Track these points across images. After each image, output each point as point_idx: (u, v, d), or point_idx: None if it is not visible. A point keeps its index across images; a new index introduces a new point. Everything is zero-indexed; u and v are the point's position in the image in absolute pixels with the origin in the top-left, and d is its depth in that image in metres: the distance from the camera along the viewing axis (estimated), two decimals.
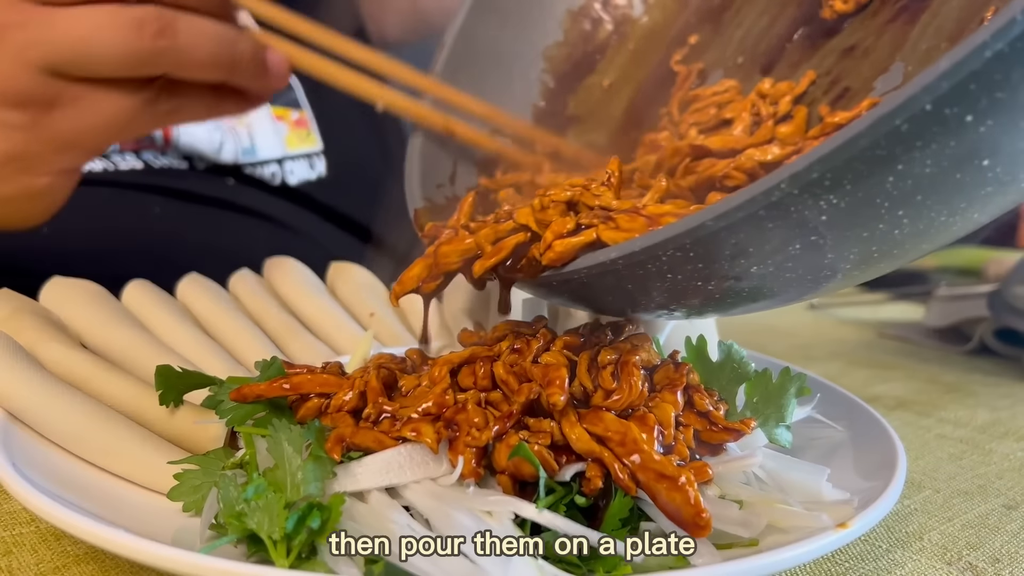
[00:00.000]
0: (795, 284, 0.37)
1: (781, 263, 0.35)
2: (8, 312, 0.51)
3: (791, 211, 0.31)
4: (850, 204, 0.31)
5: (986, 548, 0.45)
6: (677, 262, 0.35)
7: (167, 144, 0.79)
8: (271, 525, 0.35)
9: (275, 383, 0.43)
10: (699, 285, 0.37)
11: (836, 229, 0.32)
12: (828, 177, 0.30)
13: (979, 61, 0.26)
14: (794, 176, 0.30)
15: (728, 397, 0.49)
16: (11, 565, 0.38)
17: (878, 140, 0.28)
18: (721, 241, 0.33)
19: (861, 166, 0.29)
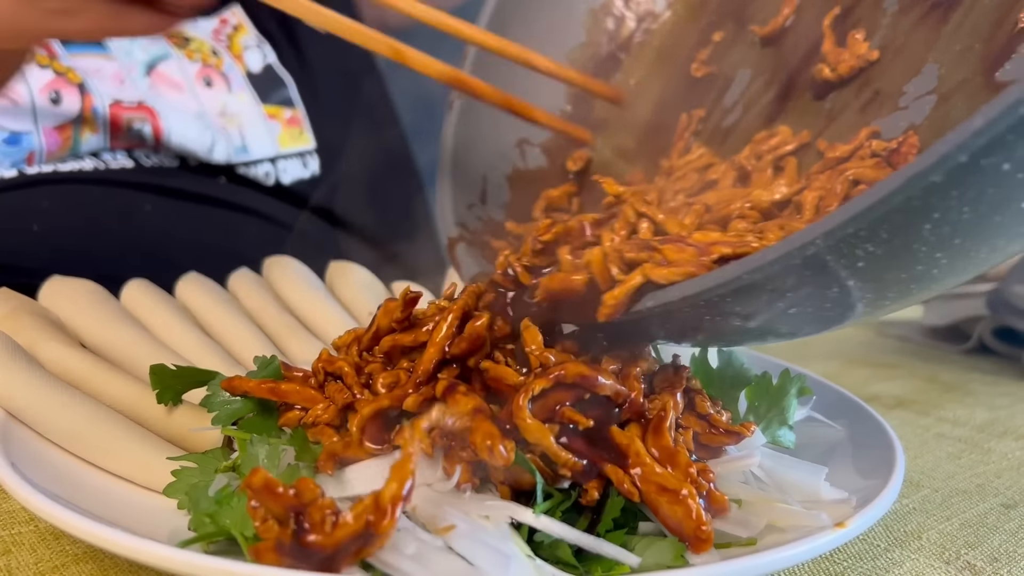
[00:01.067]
0: (831, 320, 0.37)
1: (819, 304, 0.35)
2: (7, 311, 0.51)
3: (827, 260, 0.31)
4: (887, 252, 0.31)
5: (984, 547, 0.45)
6: (711, 306, 0.35)
7: (158, 144, 0.79)
8: (244, 523, 0.35)
9: (263, 385, 0.43)
10: (737, 324, 0.37)
11: (873, 274, 0.32)
12: (864, 229, 0.30)
13: (1014, 117, 0.26)
14: (828, 232, 0.30)
15: (730, 402, 0.49)
16: (10, 564, 0.38)
17: (914, 194, 0.28)
18: (758, 287, 0.33)
19: (897, 217, 0.29)
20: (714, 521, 0.37)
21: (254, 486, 0.33)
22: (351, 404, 0.42)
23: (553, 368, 0.39)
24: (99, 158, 0.77)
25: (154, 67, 0.82)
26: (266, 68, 0.91)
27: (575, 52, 0.65)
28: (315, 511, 0.32)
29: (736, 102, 0.56)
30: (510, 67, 0.59)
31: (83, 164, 0.76)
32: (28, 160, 0.73)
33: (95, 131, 0.75)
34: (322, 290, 0.68)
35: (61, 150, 0.74)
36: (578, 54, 0.65)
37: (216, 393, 0.44)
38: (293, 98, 0.92)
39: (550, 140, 0.64)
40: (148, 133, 0.78)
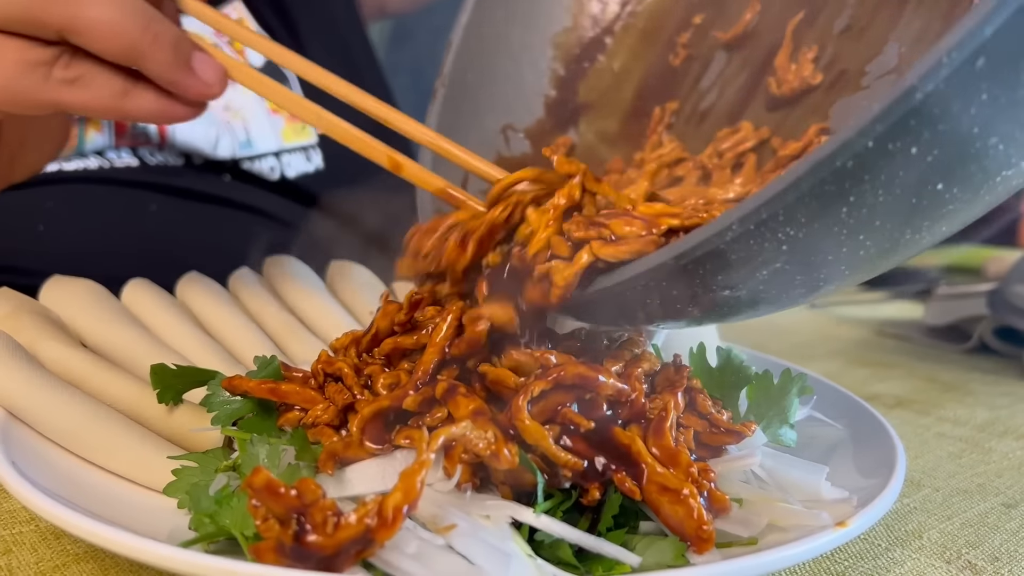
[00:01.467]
0: (774, 299, 0.38)
1: (754, 285, 0.35)
2: (8, 311, 0.51)
3: (750, 244, 0.32)
4: (808, 234, 0.31)
5: (985, 546, 0.45)
6: (658, 287, 0.36)
7: (163, 142, 0.79)
8: (244, 522, 0.35)
9: (264, 385, 0.43)
10: (680, 306, 0.38)
11: (799, 255, 0.33)
12: (781, 214, 0.30)
13: (911, 103, 0.26)
14: (744, 217, 0.31)
15: (730, 401, 0.49)
16: (11, 564, 0.38)
17: (824, 178, 0.29)
18: (690, 272, 0.34)
19: (812, 201, 0.30)
20: (715, 520, 0.37)
21: (255, 486, 0.33)
22: (351, 405, 0.42)
23: (553, 370, 0.39)
24: (104, 157, 0.77)
25: None
26: (268, 62, 0.91)
27: (560, 36, 0.65)
28: (316, 512, 0.32)
29: (713, 83, 0.57)
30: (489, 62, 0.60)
31: (88, 163, 0.76)
32: None
33: (99, 130, 0.75)
34: (323, 290, 0.68)
35: (66, 149, 0.74)
36: (563, 39, 0.65)
37: (216, 393, 0.44)
38: (295, 91, 0.92)
39: (534, 126, 0.63)
40: (153, 131, 0.78)
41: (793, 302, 0.39)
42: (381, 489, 0.37)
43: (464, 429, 0.36)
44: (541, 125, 0.63)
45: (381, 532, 0.32)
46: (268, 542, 0.32)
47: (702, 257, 0.33)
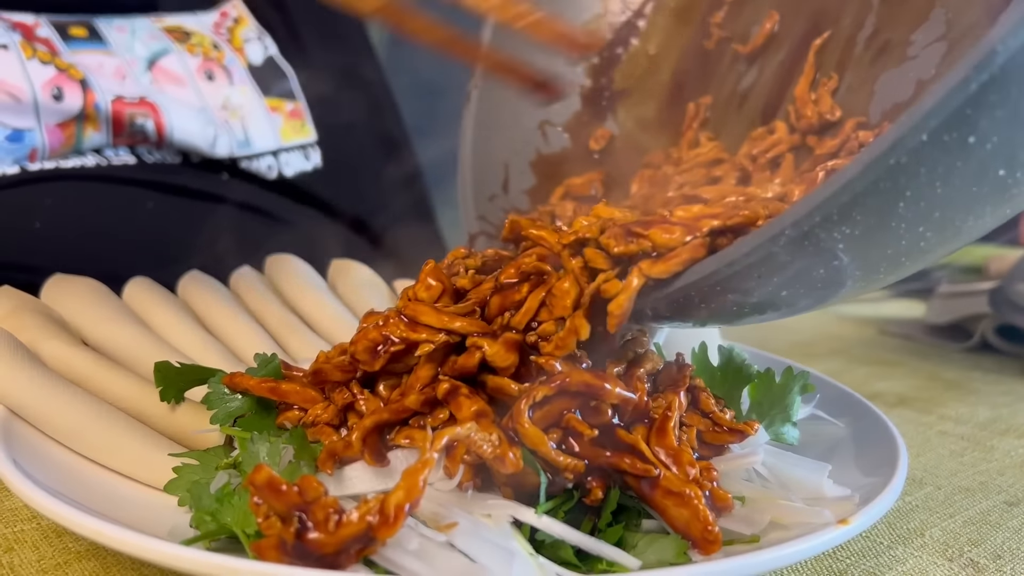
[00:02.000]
0: (833, 295, 0.38)
1: (809, 284, 0.35)
2: (9, 309, 0.51)
3: (805, 246, 0.31)
4: (865, 231, 0.31)
5: (987, 544, 0.45)
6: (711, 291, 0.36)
7: (161, 140, 0.79)
8: (245, 520, 0.35)
9: (264, 383, 0.43)
10: (733, 308, 0.38)
11: (856, 252, 0.32)
12: (835, 214, 0.30)
13: (964, 94, 0.26)
14: (797, 222, 0.30)
15: (732, 400, 0.49)
16: (12, 562, 0.38)
17: (878, 176, 0.28)
18: (743, 276, 0.34)
19: (866, 200, 0.29)
20: (718, 519, 0.37)
21: (257, 483, 0.33)
22: (351, 404, 0.42)
23: (557, 376, 0.38)
24: (101, 154, 0.77)
25: (155, 62, 0.82)
26: (267, 60, 0.91)
27: (591, 23, 0.63)
28: (318, 509, 0.32)
29: (752, 63, 0.56)
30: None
31: (85, 161, 0.76)
32: (31, 157, 0.72)
33: (97, 128, 0.75)
34: (324, 288, 0.68)
35: (64, 147, 0.74)
36: (595, 25, 0.63)
37: (217, 390, 0.44)
38: (294, 90, 0.92)
39: (572, 119, 0.62)
40: (151, 129, 0.78)
41: (852, 295, 0.38)
42: (381, 488, 0.37)
43: (468, 430, 0.36)
44: (579, 117, 0.62)
45: (383, 530, 0.32)
46: (270, 539, 0.32)
47: (755, 263, 0.33)
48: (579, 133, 0.62)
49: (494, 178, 0.59)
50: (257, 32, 0.91)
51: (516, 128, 0.61)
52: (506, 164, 0.60)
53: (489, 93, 0.61)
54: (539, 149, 0.61)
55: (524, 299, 0.41)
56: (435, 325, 0.41)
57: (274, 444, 0.40)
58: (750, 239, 0.32)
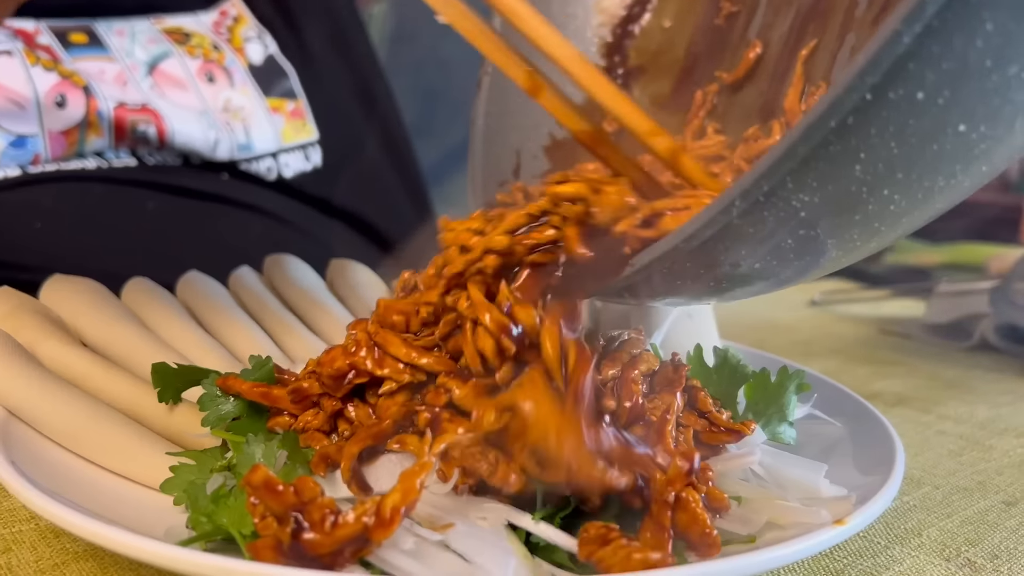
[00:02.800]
0: (814, 264, 0.36)
1: (782, 254, 0.34)
2: (7, 310, 0.51)
3: (764, 216, 0.31)
4: (824, 197, 0.30)
5: (985, 544, 0.45)
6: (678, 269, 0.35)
7: (162, 143, 0.79)
8: (241, 521, 0.35)
9: (256, 388, 0.43)
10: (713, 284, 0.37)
11: (823, 219, 0.31)
12: (788, 181, 0.29)
13: (898, 48, 0.24)
14: (745, 192, 0.30)
15: (728, 400, 0.49)
16: (10, 562, 0.38)
17: (824, 139, 0.27)
18: (708, 249, 0.33)
19: (818, 164, 0.28)
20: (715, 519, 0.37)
21: (254, 483, 0.33)
22: (341, 411, 0.42)
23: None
24: (102, 156, 0.77)
25: (156, 66, 0.82)
26: (268, 59, 0.91)
27: (603, 0, 0.61)
28: (315, 510, 0.32)
29: (759, 34, 0.54)
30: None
31: (86, 163, 0.76)
32: (33, 162, 0.73)
33: (100, 135, 0.75)
34: (322, 288, 0.68)
35: (66, 152, 0.74)
36: (607, 2, 0.62)
37: (210, 391, 0.44)
38: (295, 89, 0.92)
39: (590, 102, 0.60)
40: (152, 135, 0.78)
41: (835, 264, 0.37)
42: (377, 491, 0.37)
43: (468, 439, 0.36)
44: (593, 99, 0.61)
45: (378, 531, 0.32)
46: (266, 540, 0.32)
47: (715, 236, 0.32)
48: (596, 117, 0.60)
49: (506, 164, 0.57)
50: (257, 31, 0.91)
51: (528, 112, 0.59)
52: (518, 150, 0.58)
53: (500, 79, 0.59)
54: (552, 133, 0.59)
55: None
56: (403, 359, 0.41)
57: (269, 446, 0.40)
58: (704, 212, 0.32)
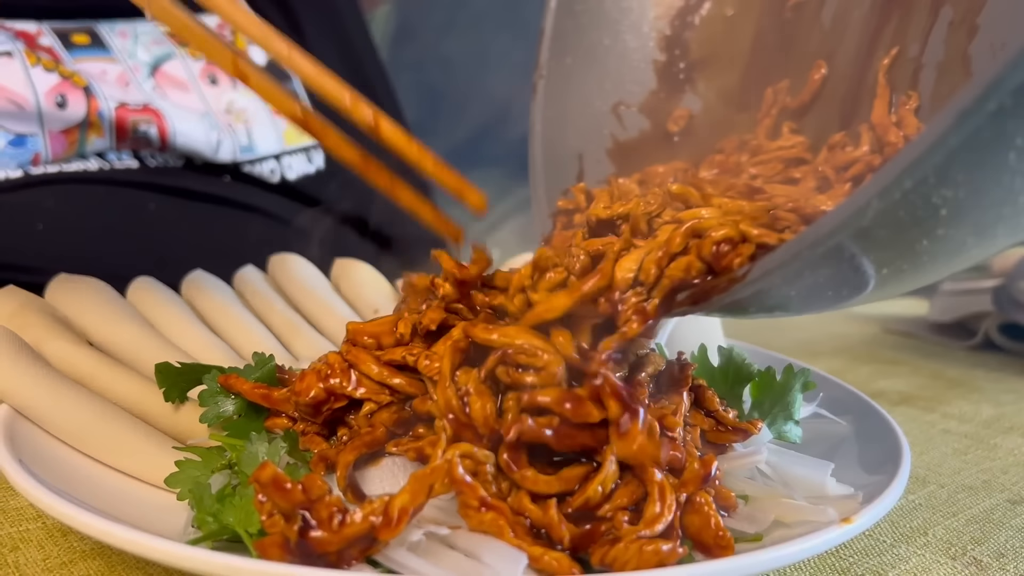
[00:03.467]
0: (944, 266, 0.34)
1: (915, 256, 0.32)
2: (14, 308, 0.51)
3: (900, 216, 0.28)
4: (970, 193, 0.27)
5: (991, 543, 0.45)
6: (799, 277, 0.33)
7: (164, 144, 0.79)
8: (247, 519, 0.35)
9: (256, 390, 0.43)
10: (832, 292, 0.35)
11: (964, 218, 0.29)
12: (931, 178, 0.26)
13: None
14: (884, 191, 0.27)
15: (734, 399, 0.48)
16: (18, 561, 0.38)
17: (978, 126, 0.25)
18: (834, 257, 0.31)
19: (966, 155, 0.26)
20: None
21: (262, 480, 0.33)
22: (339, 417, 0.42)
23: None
24: (104, 158, 0.77)
25: (158, 67, 0.82)
26: (270, 62, 0.91)
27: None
28: (322, 508, 0.32)
29: (834, 18, 0.52)
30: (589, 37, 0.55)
31: (88, 164, 0.76)
32: (34, 162, 0.73)
33: (101, 135, 0.75)
34: (327, 287, 0.68)
35: (67, 153, 0.74)
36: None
37: (212, 387, 0.44)
38: (298, 91, 0.92)
39: (648, 99, 0.58)
40: (154, 135, 0.78)
41: (968, 262, 0.35)
42: (381, 492, 0.37)
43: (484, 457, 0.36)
44: (655, 96, 0.58)
45: (385, 532, 0.32)
46: (273, 537, 0.32)
47: (843, 242, 0.30)
48: (657, 113, 0.58)
49: (569, 171, 0.55)
50: None
51: (587, 115, 0.57)
52: (580, 155, 0.56)
53: (556, 82, 0.57)
54: (615, 135, 0.57)
55: None
56: (375, 377, 0.41)
57: (273, 446, 0.40)
58: (833, 213, 0.29)
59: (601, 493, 0.35)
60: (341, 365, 0.42)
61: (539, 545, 0.34)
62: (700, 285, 0.37)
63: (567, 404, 0.35)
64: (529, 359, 0.37)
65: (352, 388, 0.41)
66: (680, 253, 0.38)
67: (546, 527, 0.35)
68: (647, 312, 0.37)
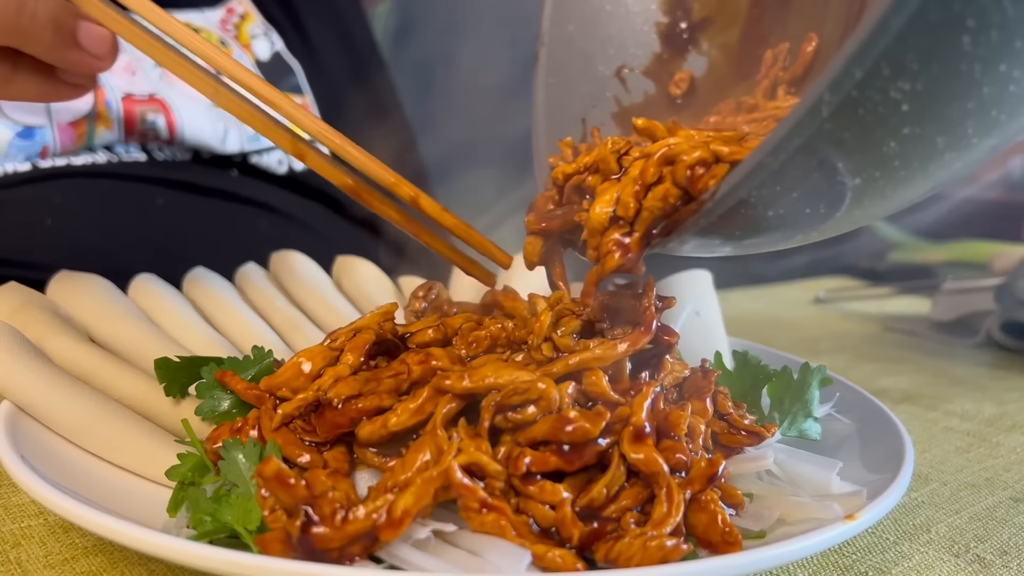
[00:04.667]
0: (917, 178, 0.32)
1: (886, 163, 0.30)
2: (16, 305, 0.51)
3: (861, 114, 0.27)
4: (929, 81, 0.26)
5: (993, 540, 0.45)
6: (774, 185, 0.32)
7: (172, 137, 0.79)
8: (245, 517, 0.35)
9: (251, 390, 0.43)
10: (812, 204, 0.34)
11: (930, 111, 0.27)
12: (884, 68, 0.25)
13: None
14: (834, 83, 0.26)
15: (753, 402, 0.48)
16: (20, 557, 0.38)
17: (924, 5, 0.23)
18: (803, 163, 0.30)
19: (918, 41, 0.24)
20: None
21: (266, 475, 0.33)
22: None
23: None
24: (112, 151, 0.77)
25: None
26: (274, 56, 0.91)
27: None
28: (325, 504, 0.32)
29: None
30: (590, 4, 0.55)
31: (96, 158, 0.76)
32: (42, 154, 0.73)
33: (109, 127, 0.75)
34: (328, 285, 0.68)
35: (75, 144, 0.74)
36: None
37: (209, 380, 0.44)
38: (301, 85, 0.92)
39: (652, 61, 0.57)
40: (162, 126, 0.78)
41: (951, 172, 0.32)
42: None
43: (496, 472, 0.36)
44: (658, 58, 0.57)
45: (387, 531, 0.32)
46: (275, 533, 0.32)
47: (805, 145, 0.28)
48: (662, 75, 0.57)
49: (571, 135, 0.54)
50: (263, 28, 0.92)
51: (590, 79, 0.57)
52: (583, 119, 0.56)
53: (558, 49, 0.56)
54: (619, 99, 0.57)
55: None
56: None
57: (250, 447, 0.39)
58: (788, 117, 0.28)
59: (606, 495, 0.35)
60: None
61: (542, 543, 0.34)
62: (675, 213, 0.36)
63: (565, 429, 0.35)
64: (523, 396, 0.37)
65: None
66: (655, 184, 0.37)
67: (557, 524, 0.35)
68: (627, 245, 0.37)
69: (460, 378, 0.37)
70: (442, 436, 0.36)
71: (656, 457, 0.36)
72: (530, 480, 0.35)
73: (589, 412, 0.36)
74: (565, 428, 0.35)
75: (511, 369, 0.37)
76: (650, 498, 0.36)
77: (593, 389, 0.38)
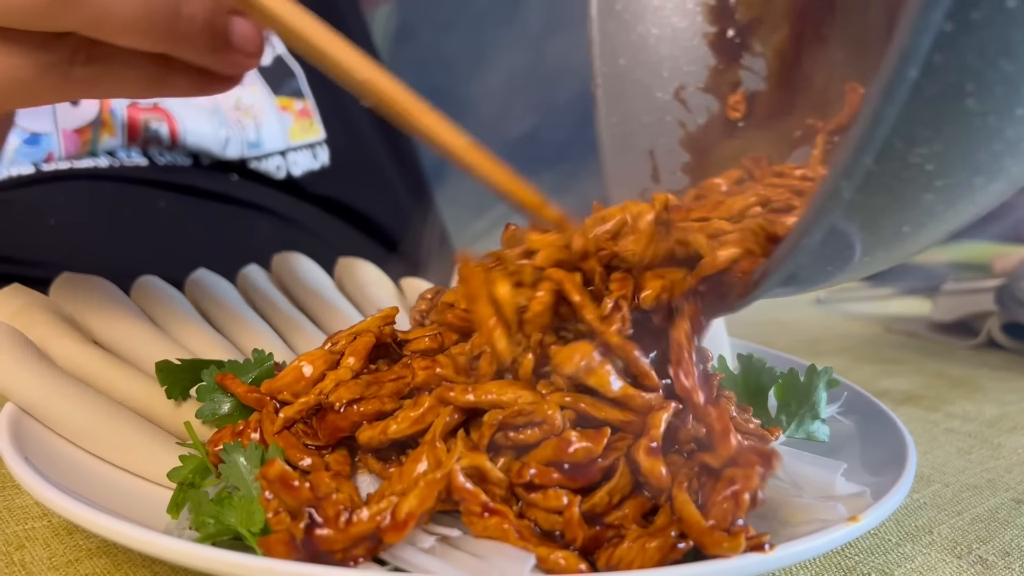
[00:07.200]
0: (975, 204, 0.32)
1: (931, 212, 0.30)
2: (18, 307, 0.51)
3: (889, 183, 0.27)
4: (946, 144, 0.26)
5: (996, 542, 0.45)
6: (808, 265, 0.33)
7: (174, 143, 0.79)
8: (249, 519, 0.35)
9: (251, 393, 0.43)
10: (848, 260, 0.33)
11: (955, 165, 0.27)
12: (896, 141, 0.25)
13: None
14: (847, 170, 0.26)
15: (759, 405, 0.48)
16: (24, 559, 0.38)
17: (918, 83, 0.23)
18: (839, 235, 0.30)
19: (923, 111, 0.24)
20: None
21: (270, 477, 0.33)
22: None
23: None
24: (114, 156, 0.77)
25: None
26: (276, 59, 0.91)
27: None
28: (329, 506, 0.32)
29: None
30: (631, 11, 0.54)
31: (98, 162, 0.76)
32: (47, 160, 0.73)
33: (113, 134, 0.76)
34: (330, 286, 0.68)
35: (80, 151, 0.75)
36: None
37: (210, 382, 0.44)
38: (303, 89, 0.92)
39: (709, 76, 0.57)
40: (165, 133, 0.78)
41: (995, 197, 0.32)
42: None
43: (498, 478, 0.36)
44: (714, 71, 0.56)
45: (390, 534, 0.32)
46: (279, 535, 0.32)
47: (834, 228, 0.28)
48: (721, 87, 0.56)
49: (641, 170, 0.54)
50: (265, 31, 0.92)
51: (650, 108, 0.56)
52: (651, 152, 0.55)
53: (613, 85, 0.56)
54: (683, 122, 0.56)
55: None
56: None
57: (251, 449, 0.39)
58: (811, 205, 0.28)
59: (608, 503, 0.35)
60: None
61: (546, 546, 0.34)
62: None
63: (567, 451, 0.35)
64: (527, 418, 0.36)
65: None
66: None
67: (564, 525, 0.35)
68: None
69: (464, 391, 0.37)
70: (440, 448, 0.36)
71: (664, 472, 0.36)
72: (533, 488, 0.35)
73: (590, 431, 0.36)
74: (567, 450, 0.35)
75: (516, 388, 0.37)
76: (653, 510, 0.36)
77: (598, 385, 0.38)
